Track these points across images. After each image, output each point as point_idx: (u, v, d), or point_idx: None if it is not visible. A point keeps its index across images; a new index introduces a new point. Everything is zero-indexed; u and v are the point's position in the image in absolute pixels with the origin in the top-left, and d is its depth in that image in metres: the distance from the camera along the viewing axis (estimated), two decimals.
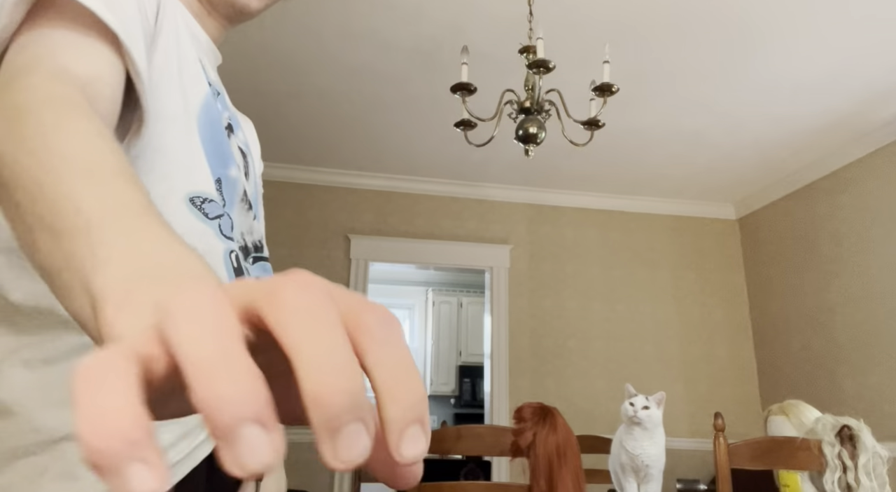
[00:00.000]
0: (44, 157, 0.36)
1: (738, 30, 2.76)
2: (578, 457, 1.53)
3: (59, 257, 0.33)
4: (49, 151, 0.37)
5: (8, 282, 0.55)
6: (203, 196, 0.62)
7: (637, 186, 4.42)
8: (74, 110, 0.41)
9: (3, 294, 0.55)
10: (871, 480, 1.61)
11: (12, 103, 0.40)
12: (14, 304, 0.55)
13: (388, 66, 3.09)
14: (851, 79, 3.10)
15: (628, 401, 1.68)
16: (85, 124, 0.40)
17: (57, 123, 0.39)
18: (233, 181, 0.69)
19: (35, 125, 0.38)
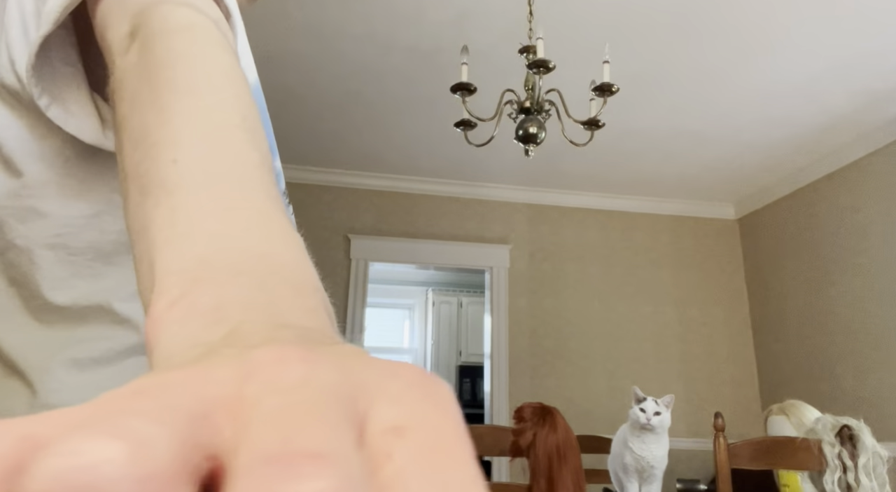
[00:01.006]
0: (159, 88, 0.29)
1: (738, 30, 2.76)
2: (578, 457, 1.53)
3: (139, 220, 0.26)
4: (166, 82, 0.30)
5: (54, 281, 0.51)
6: None
7: (637, 186, 4.42)
8: (210, 40, 0.33)
9: (44, 294, 0.51)
10: (871, 480, 1.60)
11: (149, 30, 0.33)
12: (59, 305, 0.51)
13: (388, 66, 3.09)
14: (851, 79, 3.10)
15: (638, 406, 1.66)
16: (220, 56, 0.33)
17: (187, 50, 0.32)
18: (278, 174, 0.65)
19: (160, 52, 0.31)
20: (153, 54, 0.31)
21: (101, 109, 0.44)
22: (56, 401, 0.51)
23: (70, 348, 0.52)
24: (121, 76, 0.33)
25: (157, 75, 0.30)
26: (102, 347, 0.53)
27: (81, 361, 0.52)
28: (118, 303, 0.53)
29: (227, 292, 0.20)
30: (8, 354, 0.51)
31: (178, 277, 0.21)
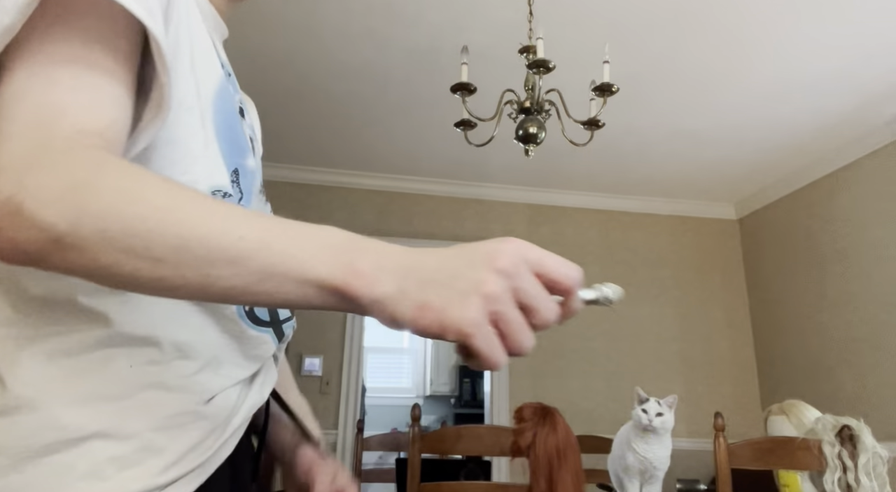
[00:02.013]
0: (171, 213, 0.42)
1: (737, 30, 2.76)
2: (578, 457, 1.53)
3: (249, 277, 0.42)
4: (173, 206, 0.43)
5: (27, 275, 0.53)
6: (222, 190, 0.59)
7: (637, 186, 4.42)
8: (152, 177, 0.45)
9: (24, 288, 0.53)
10: (872, 480, 1.60)
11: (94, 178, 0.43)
12: (35, 296, 0.53)
13: (388, 67, 3.09)
14: (851, 79, 3.10)
15: (640, 407, 1.66)
16: (160, 178, 0.46)
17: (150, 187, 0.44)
18: (251, 172, 0.65)
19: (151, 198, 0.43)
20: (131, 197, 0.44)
21: None
22: (28, 393, 0.51)
23: (41, 341, 0.52)
24: None
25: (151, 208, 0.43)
26: (73, 339, 0.53)
27: (52, 354, 0.52)
28: (83, 297, 0.53)
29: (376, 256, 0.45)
30: None
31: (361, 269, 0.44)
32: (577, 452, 1.53)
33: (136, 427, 0.53)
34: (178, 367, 0.57)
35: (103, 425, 0.52)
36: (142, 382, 0.54)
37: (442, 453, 2.08)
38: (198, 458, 0.57)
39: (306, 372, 3.93)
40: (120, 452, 0.52)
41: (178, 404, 0.56)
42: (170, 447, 0.55)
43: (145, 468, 0.53)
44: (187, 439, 0.56)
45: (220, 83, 0.63)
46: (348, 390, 3.96)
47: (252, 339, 0.63)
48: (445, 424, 6.35)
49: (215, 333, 0.60)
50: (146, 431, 0.54)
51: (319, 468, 0.79)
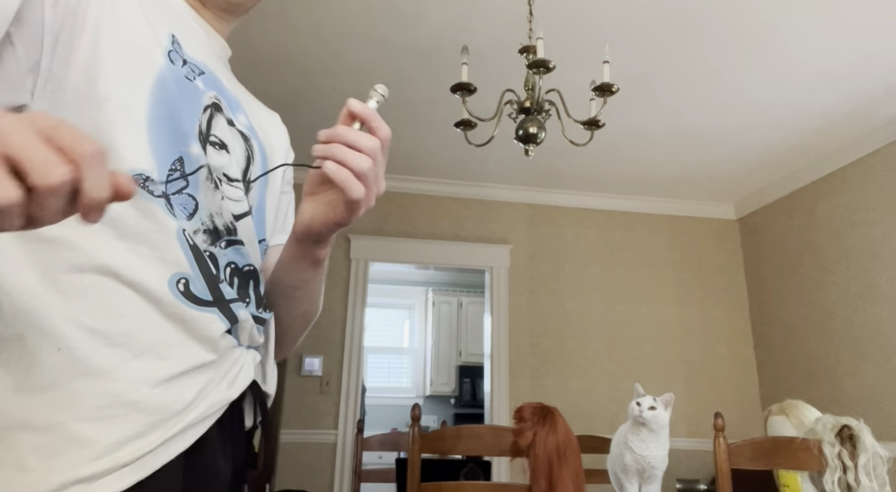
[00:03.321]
0: None
1: (737, 30, 2.76)
2: (578, 457, 1.53)
3: None
4: None
5: None
6: (144, 174, 0.61)
7: (637, 186, 4.42)
8: None
9: None
10: (871, 480, 1.60)
11: None
12: None
13: (388, 66, 3.09)
14: (851, 79, 3.10)
15: (635, 400, 1.67)
16: None
17: None
18: (194, 159, 0.67)
19: None
20: None
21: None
22: None
23: None
24: None
25: None
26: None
27: None
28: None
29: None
30: None
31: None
32: (577, 452, 1.53)
33: (59, 418, 0.53)
34: (108, 355, 0.56)
35: (26, 415, 0.52)
36: (67, 372, 0.54)
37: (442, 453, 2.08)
38: (134, 452, 0.56)
39: (306, 372, 3.93)
40: (42, 443, 0.52)
41: (108, 394, 0.56)
42: (98, 439, 0.54)
43: (69, 459, 0.53)
44: (119, 431, 0.56)
45: (159, 76, 0.65)
46: (348, 390, 3.96)
47: (196, 319, 0.63)
48: (445, 424, 6.34)
49: (154, 317, 0.60)
50: (70, 422, 0.54)
51: None
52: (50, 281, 0.56)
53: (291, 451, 3.78)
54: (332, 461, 3.85)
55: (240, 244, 0.72)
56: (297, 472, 3.76)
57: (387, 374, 6.57)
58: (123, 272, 0.59)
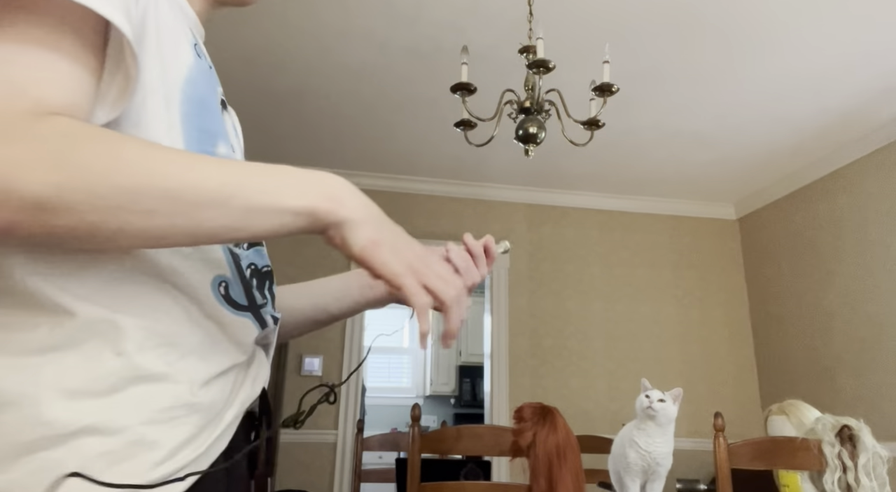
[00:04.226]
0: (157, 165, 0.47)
1: (737, 30, 2.76)
2: (578, 457, 1.53)
3: (235, 215, 0.49)
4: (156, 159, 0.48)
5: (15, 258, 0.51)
6: None
7: (637, 186, 4.42)
8: (126, 137, 0.49)
9: (8, 274, 0.51)
10: (871, 480, 1.60)
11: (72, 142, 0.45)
12: (13, 285, 0.51)
13: (388, 66, 3.09)
14: (851, 79, 3.10)
15: (644, 394, 1.66)
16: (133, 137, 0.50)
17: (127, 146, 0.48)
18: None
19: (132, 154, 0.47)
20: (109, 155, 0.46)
21: None
22: (11, 390, 0.50)
23: (19, 335, 0.51)
24: None
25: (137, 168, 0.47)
26: (56, 334, 0.52)
27: (36, 349, 0.52)
28: (52, 291, 0.53)
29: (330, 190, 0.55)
30: None
31: (320, 194, 0.55)
32: (576, 452, 1.53)
33: (125, 421, 0.52)
34: (161, 356, 0.55)
35: (92, 419, 0.51)
36: (129, 374, 0.53)
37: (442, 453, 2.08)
38: (192, 453, 0.56)
39: (306, 372, 3.93)
40: (110, 447, 0.51)
41: (169, 396, 0.55)
42: (162, 442, 0.54)
43: (137, 463, 0.52)
44: (180, 433, 0.55)
45: (190, 71, 0.64)
46: (348, 389, 3.96)
47: (233, 323, 0.63)
48: (445, 423, 6.34)
49: (197, 318, 0.59)
50: (137, 425, 0.53)
51: None
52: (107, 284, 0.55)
53: (291, 451, 3.78)
54: (331, 461, 3.85)
55: (260, 245, 0.73)
56: (297, 472, 3.76)
57: (387, 374, 6.57)
58: (170, 273, 0.58)
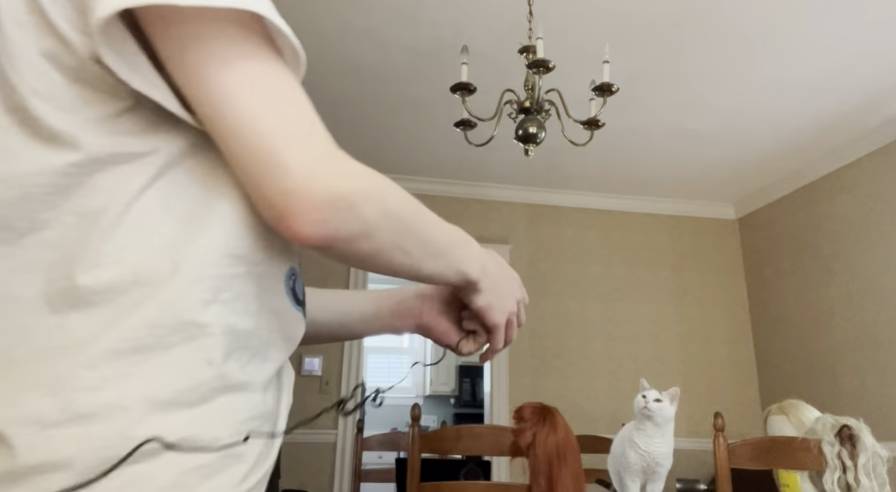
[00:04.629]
0: (428, 222, 0.60)
1: (738, 30, 2.76)
2: (578, 457, 1.53)
3: (439, 266, 0.62)
4: (426, 218, 0.60)
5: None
6: None
7: (637, 186, 4.42)
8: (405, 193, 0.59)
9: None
10: (871, 479, 1.61)
11: (383, 187, 0.54)
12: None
13: (388, 66, 3.09)
14: (851, 79, 3.10)
15: (641, 394, 1.66)
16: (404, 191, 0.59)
17: (414, 202, 0.59)
18: None
19: (411, 205, 0.58)
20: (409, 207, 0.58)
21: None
22: (107, 399, 0.45)
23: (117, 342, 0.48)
24: None
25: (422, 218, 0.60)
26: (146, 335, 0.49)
27: (123, 352, 0.48)
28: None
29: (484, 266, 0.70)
30: None
31: (476, 270, 0.69)
32: (576, 451, 1.53)
33: (216, 433, 0.50)
34: (239, 358, 0.53)
35: (185, 433, 0.48)
36: (215, 385, 0.50)
37: (441, 453, 2.08)
38: (265, 463, 0.54)
39: (306, 372, 3.94)
40: (204, 460, 0.49)
41: (249, 405, 0.53)
42: (247, 454, 0.52)
43: (229, 477, 0.50)
44: (258, 443, 0.54)
45: None
46: (348, 389, 3.96)
47: (293, 317, 0.60)
48: (445, 423, 6.34)
49: (269, 313, 0.56)
50: (226, 437, 0.50)
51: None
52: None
53: (291, 451, 3.78)
54: (331, 461, 3.85)
55: None
56: (297, 472, 3.76)
57: (387, 374, 6.57)
58: (263, 257, 0.55)
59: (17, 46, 0.48)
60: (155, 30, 0.48)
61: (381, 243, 0.53)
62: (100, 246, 0.48)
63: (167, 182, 0.50)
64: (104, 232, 0.48)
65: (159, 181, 0.50)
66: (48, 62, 0.48)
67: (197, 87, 0.48)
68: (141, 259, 0.49)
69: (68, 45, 0.48)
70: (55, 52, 0.48)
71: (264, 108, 0.48)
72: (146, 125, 0.50)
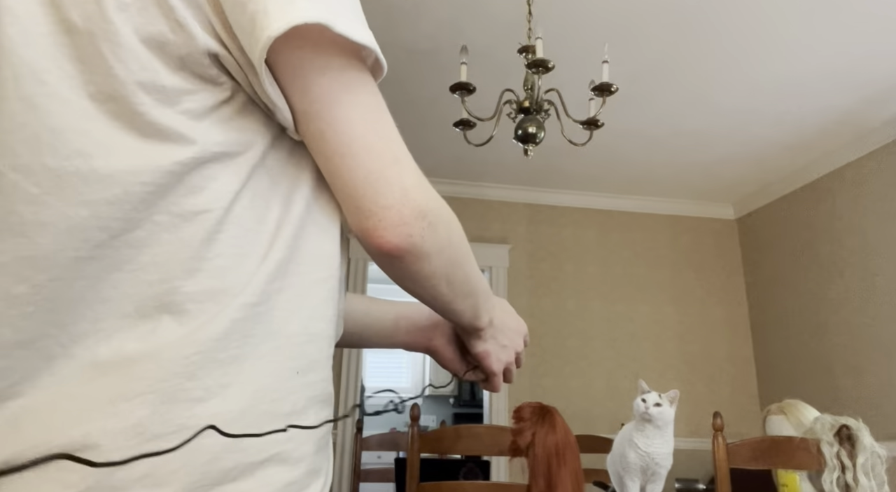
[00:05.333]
0: (471, 261, 0.62)
1: (738, 30, 2.76)
2: (577, 457, 1.53)
3: (464, 305, 0.65)
4: (471, 257, 0.62)
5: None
6: None
7: (636, 186, 4.42)
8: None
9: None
10: (870, 479, 1.61)
11: (452, 217, 0.58)
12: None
13: (388, 67, 3.07)
14: (851, 79, 3.10)
15: (640, 397, 1.66)
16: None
17: (466, 239, 0.61)
18: None
19: (465, 240, 0.61)
20: (462, 240, 0.60)
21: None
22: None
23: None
24: None
25: (468, 256, 0.62)
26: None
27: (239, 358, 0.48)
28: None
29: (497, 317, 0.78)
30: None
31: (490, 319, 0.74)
32: (576, 451, 1.53)
33: (306, 450, 0.49)
34: (320, 367, 0.53)
35: (281, 447, 0.47)
36: (306, 393, 0.50)
37: (441, 453, 2.08)
38: (331, 475, 0.54)
39: None
40: (294, 477, 0.48)
41: (325, 412, 0.53)
42: (324, 467, 0.52)
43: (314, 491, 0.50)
44: (328, 455, 0.54)
45: None
46: (347, 389, 3.96)
47: (342, 315, 0.61)
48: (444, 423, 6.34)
49: (337, 315, 0.57)
50: (312, 453, 0.50)
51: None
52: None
53: None
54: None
55: None
56: None
57: (386, 374, 6.57)
58: (340, 260, 0.57)
59: (119, 32, 0.45)
60: (287, 43, 0.48)
61: (437, 268, 0.56)
62: (202, 251, 0.47)
63: (256, 184, 0.50)
64: (207, 236, 0.47)
65: (250, 182, 0.50)
66: (151, 50, 0.46)
67: (313, 103, 0.50)
68: (235, 265, 0.48)
69: (185, 33, 0.46)
70: (164, 41, 0.46)
71: (374, 134, 0.52)
72: (239, 120, 0.50)
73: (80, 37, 0.45)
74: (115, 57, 0.45)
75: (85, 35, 0.45)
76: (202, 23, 0.47)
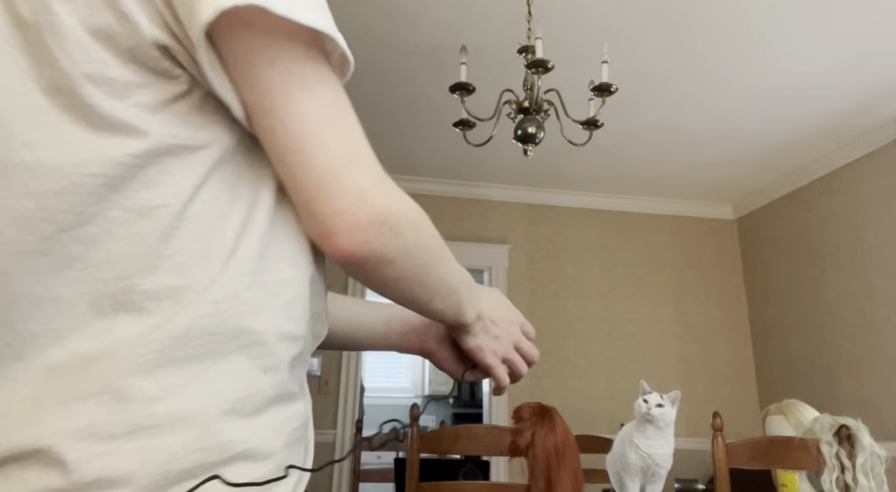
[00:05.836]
0: (447, 260, 0.61)
1: (737, 30, 2.76)
2: (577, 457, 1.53)
3: (444, 304, 0.63)
4: (446, 256, 0.60)
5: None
6: None
7: (636, 186, 4.42)
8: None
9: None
10: (869, 479, 1.61)
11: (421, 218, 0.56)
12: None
13: (387, 66, 3.09)
14: (851, 79, 3.10)
15: (642, 398, 1.66)
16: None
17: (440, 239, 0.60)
18: None
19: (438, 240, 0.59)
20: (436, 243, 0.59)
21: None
22: (178, 407, 0.43)
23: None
24: None
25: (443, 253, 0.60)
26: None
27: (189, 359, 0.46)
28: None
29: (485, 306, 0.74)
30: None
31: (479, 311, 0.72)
32: (575, 452, 1.53)
33: (274, 445, 0.48)
34: (290, 366, 0.52)
35: (246, 445, 0.46)
36: (269, 394, 0.49)
37: (440, 453, 2.08)
38: (304, 475, 0.53)
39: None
40: (261, 473, 0.47)
41: (298, 415, 0.52)
42: (296, 462, 0.51)
43: (285, 489, 0.49)
44: (302, 453, 0.53)
45: None
46: (347, 389, 3.96)
47: (322, 315, 0.59)
48: (444, 423, 6.34)
49: (313, 316, 0.55)
50: (282, 449, 0.49)
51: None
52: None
53: None
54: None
55: None
56: None
57: (385, 373, 6.57)
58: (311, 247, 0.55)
59: (64, 24, 0.44)
60: (230, 34, 0.46)
61: (405, 271, 0.54)
62: (159, 248, 0.45)
63: (219, 180, 0.48)
64: (164, 232, 0.45)
65: (212, 178, 0.48)
66: (99, 42, 0.45)
67: (264, 97, 0.47)
68: (196, 262, 0.46)
69: (130, 24, 0.45)
70: (110, 32, 0.45)
71: (329, 132, 0.49)
72: (198, 116, 0.48)
73: (30, 31, 0.45)
74: (60, 49, 0.44)
75: (33, 29, 0.45)
76: (150, 13, 0.45)
